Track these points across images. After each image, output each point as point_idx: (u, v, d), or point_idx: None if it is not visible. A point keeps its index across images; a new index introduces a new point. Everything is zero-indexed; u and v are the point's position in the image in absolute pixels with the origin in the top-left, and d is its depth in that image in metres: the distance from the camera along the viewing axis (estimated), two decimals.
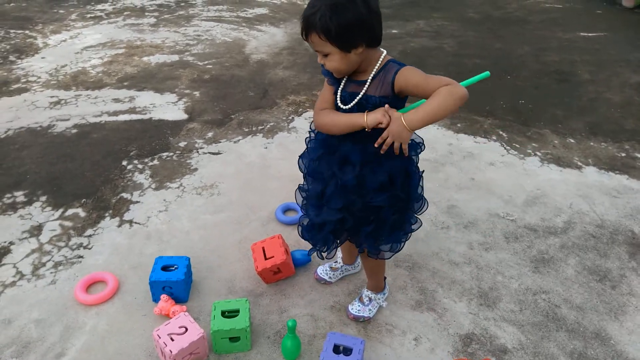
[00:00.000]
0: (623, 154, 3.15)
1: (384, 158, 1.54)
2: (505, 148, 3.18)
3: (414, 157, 1.64)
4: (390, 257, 1.77)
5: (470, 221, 2.51)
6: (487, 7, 6.31)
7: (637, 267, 2.26)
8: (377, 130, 1.49)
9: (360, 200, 1.59)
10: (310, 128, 1.72)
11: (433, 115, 1.41)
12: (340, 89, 1.57)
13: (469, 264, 2.25)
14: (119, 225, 2.42)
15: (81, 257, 2.23)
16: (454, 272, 2.20)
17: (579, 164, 3.04)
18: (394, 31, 5.31)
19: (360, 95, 1.52)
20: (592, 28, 5.55)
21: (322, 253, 1.76)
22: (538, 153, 3.13)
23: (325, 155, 1.64)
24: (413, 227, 1.72)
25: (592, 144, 3.26)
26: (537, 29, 5.52)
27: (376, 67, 1.50)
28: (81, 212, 2.51)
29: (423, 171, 1.70)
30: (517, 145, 3.21)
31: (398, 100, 1.53)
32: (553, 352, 1.85)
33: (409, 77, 1.48)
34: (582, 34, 5.38)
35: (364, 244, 1.72)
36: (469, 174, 2.89)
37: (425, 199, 1.72)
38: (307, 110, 3.56)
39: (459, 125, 3.43)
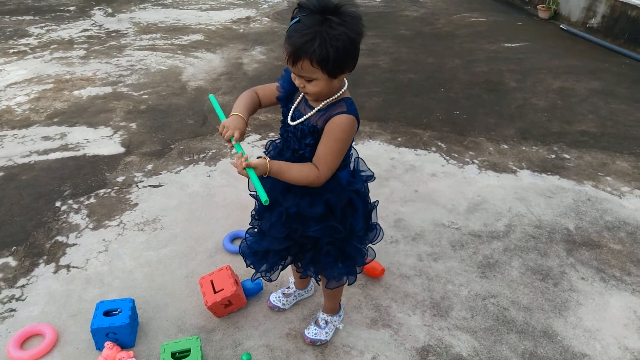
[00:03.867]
0: (553, 156, 3.33)
1: (325, 190, 1.53)
2: (444, 158, 3.28)
3: (363, 189, 1.62)
4: (333, 288, 1.75)
5: (418, 233, 2.55)
6: (417, 24, 6.57)
7: (575, 263, 2.37)
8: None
9: (301, 227, 1.59)
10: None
11: (286, 177, 1.45)
12: (294, 107, 1.55)
13: (419, 275, 2.28)
14: (55, 272, 2.27)
15: (13, 310, 2.07)
16: (405, 285, 2.22)
17: (514, 168, 3.18)
18: None
19: (304, 118, 1.49)
20: (514, 39, 5.90)
21: (267, 275, 1.74)
22: (475, 161, 3.25)
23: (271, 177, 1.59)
24: (361, 261, 1.71)
25: (524, 148, 3.43)
26: (465, 42, 5.80)
27: (331, 99, 1.47)
28: (12, 261, 2.34)
29: (377, 202, 1.70)
30: (455, 155, 3.32)
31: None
32: (506, 354, 1.90)
33: (326, 130, 1.44)
34: (506, 44, 5.70)
35: (307, 271, 1.71)
36: (413, 186, 2.95)
37: (380, 228, 1.72)
38: (250, 135, 3.53)
39: (399, 139, 3.51)
